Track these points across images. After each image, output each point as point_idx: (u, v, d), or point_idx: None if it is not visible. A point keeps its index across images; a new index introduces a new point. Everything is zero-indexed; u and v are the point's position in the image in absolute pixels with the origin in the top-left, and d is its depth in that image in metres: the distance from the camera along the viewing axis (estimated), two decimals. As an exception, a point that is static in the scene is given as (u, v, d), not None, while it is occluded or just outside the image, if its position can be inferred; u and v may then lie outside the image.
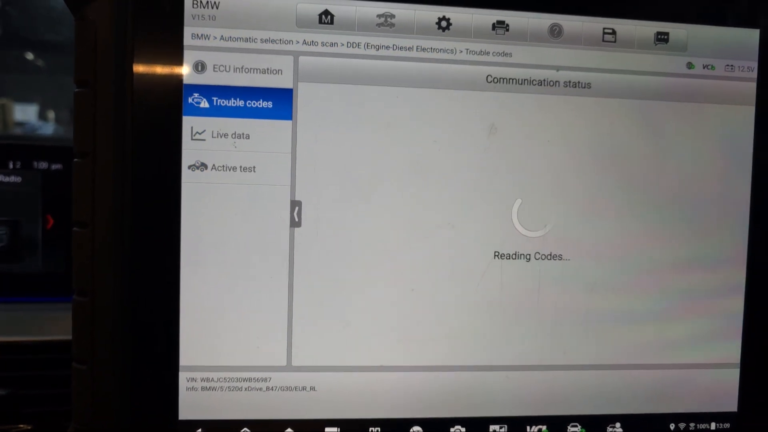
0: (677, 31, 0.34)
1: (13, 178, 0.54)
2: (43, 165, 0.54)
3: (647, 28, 0.34)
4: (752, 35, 0.34)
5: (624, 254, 0.34)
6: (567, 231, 0.33)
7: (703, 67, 0.34)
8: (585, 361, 0.34)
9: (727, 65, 0.34)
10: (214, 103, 0.31)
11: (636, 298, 0.34)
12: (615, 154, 0.34)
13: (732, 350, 0.35)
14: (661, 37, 0.34)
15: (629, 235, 0.34)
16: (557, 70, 0.33)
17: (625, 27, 0.33)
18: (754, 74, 0.34)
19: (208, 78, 0.31)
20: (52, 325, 0.47)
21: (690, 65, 0.34)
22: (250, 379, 0.32)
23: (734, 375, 0.35)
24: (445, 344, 0.33)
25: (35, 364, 0.45)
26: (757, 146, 0.34)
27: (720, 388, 0.35)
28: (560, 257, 0.33)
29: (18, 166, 0.54)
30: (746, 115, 0.35)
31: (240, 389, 0.32)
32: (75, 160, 0.31)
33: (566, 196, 0.33)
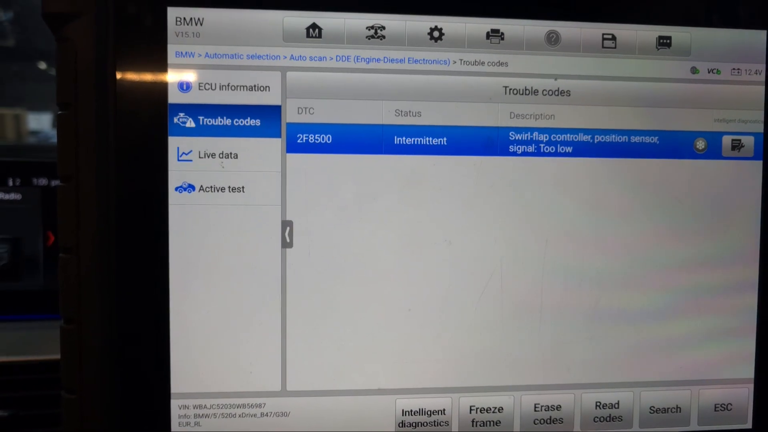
0: (680, 34, 0.32)
1: (13, 196, 0.54)
2: (43, 181, 0.54)
3: (649, 33, 0.32)
4: (759, 37, 0.33)
5: (631, 269, 0.32)
6: (569, 246, 0.32)
7: (708, 72, 0.33)
8: (590, 379, 0.33)
9: (734, 69, 0.33)
10: (201, 123, 0.30)
11: (643, 314, 0.33)
12: (620, 163, 0.32)
13: (745, 367, 0.34)
14: (664, 42, 0.32)
15: (637, 248, 0.33)
16: (555, 79, 0.32)
17: (626, 32, 0.32)
18: (762, 77, 0.33)
19: (194, 97, 0.30)
20: (54, 343, 0.47)
21: (694, 70, 0.33)
22: (244, 405, 0.31)
23: (747, 391, 0.34)
24: (445, 365, 0.32)
25: (37, 384, 0.45)
26: (767, 152, 0.33)
27: (733, 404, 0.34)
28: (562, 273, 0.32)
29: (18, 183, 0.54)
30: (755, 117, 0.33)
31: (234, 416, 0.31)
32: (59, 184, 0.30)
33: (568, 210, 0.32)
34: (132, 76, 0.29)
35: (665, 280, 0.33)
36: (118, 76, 0.29)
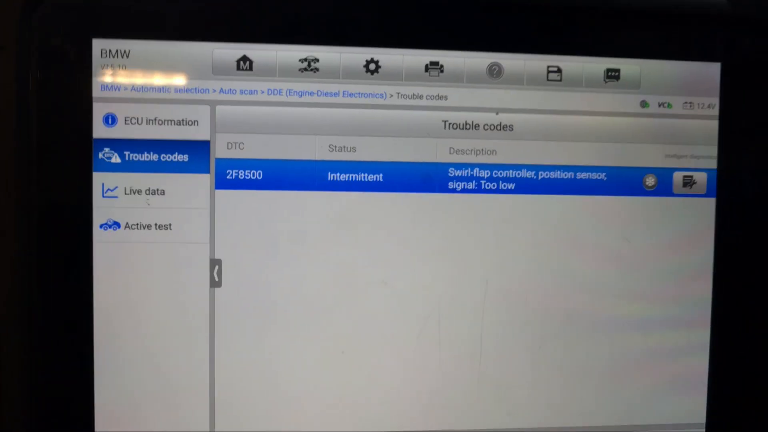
0: (629, 67, 0.31)
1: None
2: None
3: (596, 65, 0.31)
4: (712, 69, 0.32)
5: (575, 312, 0.31)
6: (510, 287, 0.31)
7: (659, 105, 0.32)
8: (532, 424, 0.31)
9: (686, 102, 0.32)
10: (126, 158, 0.29)
11: (588, 359, 0.31)
12: (566, 200, 0.31)
13: (696, 409, 0.32)
14: (612, 74, 0.31)
15: (582, 290, 0.31)
16: (497, 113, 0.31)
17: (572, 64, 0.31)
18: (716, 111, 0.32)
19: (120, 131, 0.29)
20: None
21: (644, 104, 0.31)
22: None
23: (698, 437, 0.32)
24: (380, 408, 0.31)
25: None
26: (721, 187, 0.32)
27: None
28: (503, 315, 0.31)
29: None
30: (708, 152, 0.32)
31: (159, 460, 0.30)
32: (-20, 221, 0.29)
33: (510, 249, 0.31)
34: (55, 110, 0.29)
35: (611, 324, 0.31)
36: (41, 110, 0.28)
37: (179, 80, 0.29)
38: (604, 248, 0.31)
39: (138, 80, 0.29)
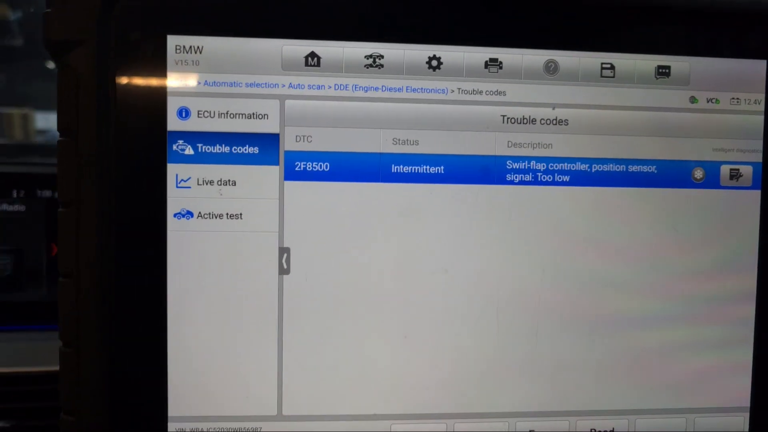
0: (679, 64, 0.32)
1: (17, 207, 0.54)
2: (47, 193, 0.54)
3: (647, 62, 0.32)
4: (758, 66, 0.33)
5: (627, 299, 0.32)
6: (565, 276, 0.32)
7: (707, 101, 0.33)
8: (586, 406, 0.33)
9: (733, 98, 0.33)
10: (199, 150, 0.30)
11: (640, 343, 0.33)
12: (618, 192, 0.32)
13: (741, 395, 0.34)
14: (663, 71, 0.32)
15: (634, 279, 0.33)
16: (553, 108, 0.32)
17: (625, 61, 0.32)
18: (762, 107, 0.33)
19: (193, 124, 0.30)
20: (56, 354, 0.47)
21: (693, 99, 0.33)
22: (240, 429, 0.31)
23: (743, 420, 0.34)
24: (440, 392, 0.32)
25: (39, 395, 0.45)
26: (766, 180, 0.33)
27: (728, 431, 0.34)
28: (559, 303, 0.32)
29: (22, 195, 0.54)
30: (754, 146, 0.33)
31: (229, 440, 0.31)
32: (59, 209, 0.30)
33: (565, 239, 0.32)
34: (132, 103, 0.30)
35: (661, 309, 0.33)
36: (119, 103, 0.29)
37: (250, 75, 0.30)
38: (654, 237, 0.32)
39: (210, 75, 0.30)
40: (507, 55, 0.31)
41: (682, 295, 0.33)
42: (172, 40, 0.30)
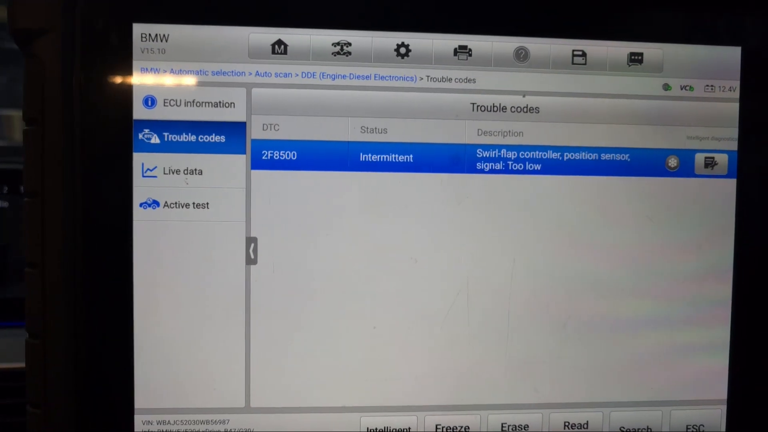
0: (652, 51, 0.32)
1: (1, 203, 0.54)
2: (31, 190, 0.54)
3: (620, 49, 0.32)
4: (733, 53, 0.33)
5: (599, 288, 0.32)
6: (536, 265, 0.32)
7: (681, 89, 0.32)
8: (558, 398, 0.32)
9: (707, 86, 0.32)
10: (165, 139, 0.30)
11: (612, 334, 0.32)
12: (590, 181, 0.32)
13: (718, 387, 0.33)
14: (635, 58, 0.32)
15: (606, 267, 0.32)
16: (524, 96, 0.31)
17: (596, 48, 0.32)
18: (736, 94, 0.33)
19: (159, 113, 0.30)
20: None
21: (666, 86, 0.32)
22: (207, 422, 0.31)
23: (720, 412, 0.33)
24: (410, 383, 0.32)
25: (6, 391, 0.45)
26: (741, 168, 0.33)
27: (705, 425, 0.33)
28: (530, 292, 0.32)
29: (5, 191, 0.54)
30: (729, 134, 0.33)
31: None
32: (25, 199, 0.30)
33: (536, 228, 0.32)
34: (97, 92, 0.29)
35: (635, 299, 0.32)
36: (84, 92, 0.29)
37: (216, 63, 0.30)
38: (627, 227, 0.32)
39: (177, 63, 0.30)
40: (476, 42, 0.31)
41: (656, 286, 0.32)
42: (138, 29, 0.30)
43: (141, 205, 0.30)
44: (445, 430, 0.32)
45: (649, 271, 0.32)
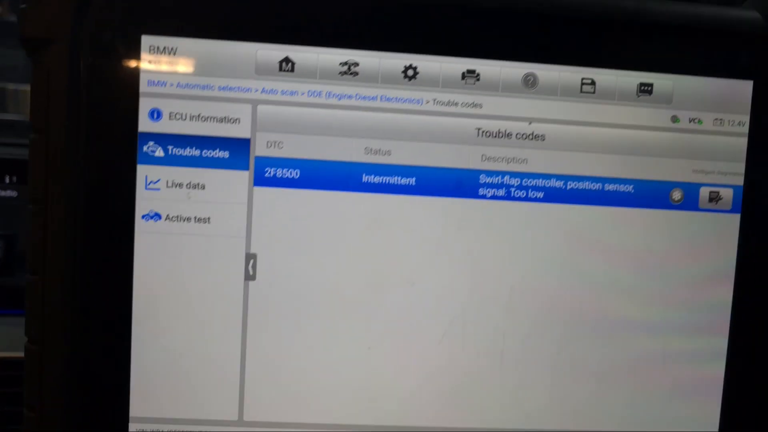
0: (662, 82, 0.32)
1: (9, 193, 0.55)
2: (39, 179, 0.54)
3: (630, 79, 0.32)
4: (744, 87, 0.32)
5: (595, 321, 0.32)
6: (534, 294, 0.32)
7: (690, 121, 0.32)
8: (549, 426, 0.32)
9: (716, 119, 0.32)
10: (170, 152, 0.30)
11: (606, 366, 0.32)
12: (592, 211, 0.32)
13: (710, 423, 0.33)
14: (645, 89, 0.32)
15: (605, 300, 0.32)
16: (530, 123, 0.31)
17: (606, 77, 0.32)
18: (746, 129, 0.32)
19: (164, 126, 0.30)
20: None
21: (675, 119, 0.32)
22: (200, 433, 0.31)
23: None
24: (404, 405, 0.32)
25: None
26: (746, 204, 0.32)
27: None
28: (525, 321, 0.32)
29: (14, 180, 0.55)
30: (736, 169, 0.32)
31: (189, 443, 0.31)
32: (28, 206, 0.30)
33: (536, 256, 0.32)
34: (103, 103, 0.30)
35: (632, 333, 0.32)
36: (90, 102, 0.29)
37: (223, 78, 0.30)
38: (628, 259, 0.32)
39: (183, 77, 0.30)
40: (485, 66, 0.31)
41: (656, 319, 0.32)
42: (146, 41, 0.30)
43: (143, 217, 0.30)
44: (435, 451, 0.32)
45: (649, 306, 0.32)
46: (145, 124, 0.30)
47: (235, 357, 0.31)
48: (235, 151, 0.30)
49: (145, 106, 0.30)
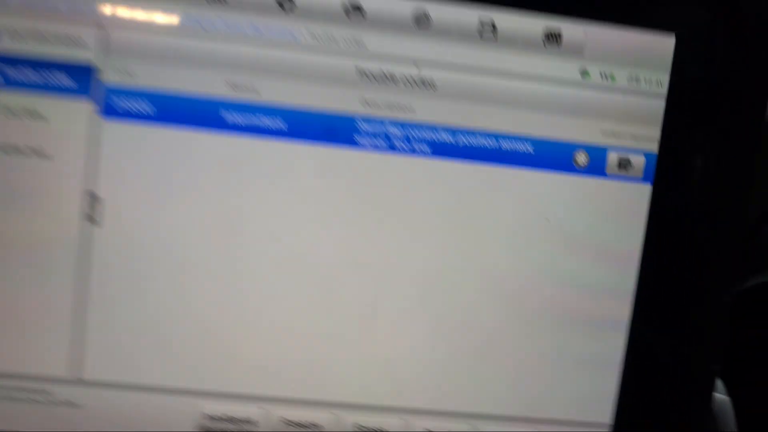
0: (572, 30, 0.28)
1: None
2: None
3: (535, 24, 0.28)
4: (666, 42, 0.29)
5: (481, 291, 0.29)
6: (413, 258, 0.28)
7: (602, 77, 0.29)
8: (420, 404, 0.29)
9: (632, 76, 0.29)
10: (6, 76, 0.27)
11: (488, 343, 0.29)
12: (484, 170, 0.28)
13: (603, 409, 0.30)
14: (552, 37, 0.28)
15: (490, 270, 0.29)
16: (418, 67, 0.28)
17: (509, 21, 0.28)
18: (664, 90, 0.29)
19: (1, 46, 0.26)
20: None
21: (585, 73, 0.28)
22: (29, 390, 0.28)
23: (602, 438, 0.30)
24: (256, 371, 0.29)
25: None
26: (659, 174, 0.29)
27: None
28: (402, 286, 0.28)
29: None
30: (650, 134, 0.29)
31: (17, 399, 0.28)
32: None
33: (415, 216, 0.28)
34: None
35: (519, 306, 0.29)
36: None
37: (70, -5, 0.26)
38: (519, 225, 0.29)
39: (25, -10, 0.26)
40: (370, 1, 0.27)
41: (548, 294, 0.29)
42: (-17, -54, 0.26)
43: (-26, 146, 0.27)
44: (292, 423, 0.29)
45: (542, 280, 0.29)
46: (-22, 41, 0.26)
47: (75, 308, 0.28)
48: (81, 79, 0.27)
49: (-21, 20, 0.26)
